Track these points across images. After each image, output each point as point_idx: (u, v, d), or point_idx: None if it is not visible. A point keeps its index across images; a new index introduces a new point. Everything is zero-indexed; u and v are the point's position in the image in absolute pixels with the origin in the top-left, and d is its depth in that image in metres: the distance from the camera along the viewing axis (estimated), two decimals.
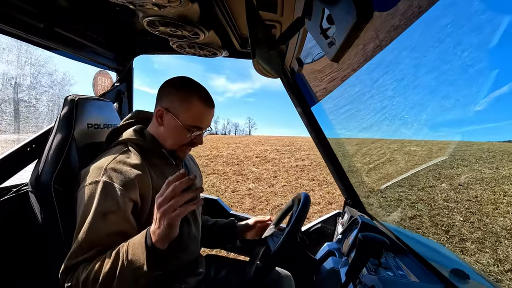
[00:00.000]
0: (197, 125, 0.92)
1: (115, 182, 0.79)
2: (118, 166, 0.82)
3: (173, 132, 0.92)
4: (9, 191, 1.18)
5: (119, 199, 0.78)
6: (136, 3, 0.87)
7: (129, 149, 0.90)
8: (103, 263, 0.71)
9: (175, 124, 0.91)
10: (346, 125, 2.90)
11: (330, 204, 4.91)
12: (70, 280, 0.73)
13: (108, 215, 0.76)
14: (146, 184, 0.85)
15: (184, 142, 0.94)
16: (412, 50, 1.32)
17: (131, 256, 0.70)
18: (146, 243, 0.70)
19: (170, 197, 0.68)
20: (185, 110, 0.90)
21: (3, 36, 1.05)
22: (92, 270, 0.71)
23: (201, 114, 0.92)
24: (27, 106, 26.89)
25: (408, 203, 3.74)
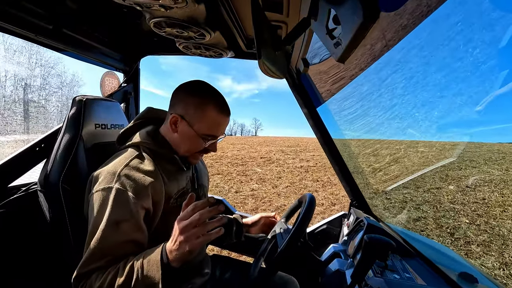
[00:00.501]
0: (212, 134, 0.90)
1: (128, 190, 0.78)
2: (132, 173, 0.80)
3: (187, 140, 0.90)
4: (19, 190, 1.20)
5: (132, 207, 0.77)
6: (143, 4, 0.87)
7: (142, 154, 0.88)
8: (116, 274, 0.71)
9: (189, 132, 0.88)
10: (352, 125, 2.88)
11: (334, 205, 4.88)
12: (83, 287, 0.73)
13: (120, 224, 0.75)
14: (159, 191, 0.84)
15: (198, 150, 0.92)
16: (420, 49, 1.31)
17: (146, 272, 0.69)
18: (162, 260, 0.69)
19: (195, 224, 0.67)
20: (200, 119, 0.87)
21: (15, 39, 1.07)
22: (105, 280, 0.71)
23: (216, 123, 0.90)
24: (37, 106, 27.34)
25: (413, 204, 3.69)
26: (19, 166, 1.17)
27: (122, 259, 0.75)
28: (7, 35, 1.02)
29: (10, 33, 1.01)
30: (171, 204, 0.89)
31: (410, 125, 3.48)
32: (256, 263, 1.04)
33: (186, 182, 0.98)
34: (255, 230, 1.26)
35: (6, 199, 1.13)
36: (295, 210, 1.19)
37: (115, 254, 0.75)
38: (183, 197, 0.93)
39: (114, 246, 0.75)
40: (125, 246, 0.76)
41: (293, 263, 0.95)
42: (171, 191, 0.89)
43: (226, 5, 0.89)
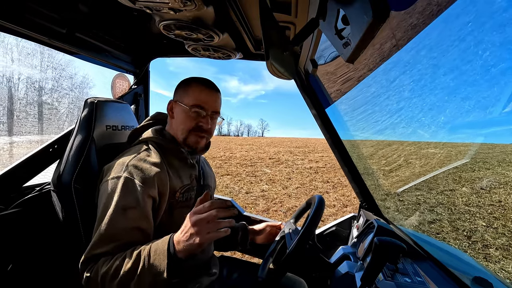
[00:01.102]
0: (199, 104, 0.96)
1: (135, 179, 0.83)
2: (139, 163, 0.86)
3: (181, 118, 0.98)
4: (33, 190, 1.23)
5: (139, 195, 0.81)
6: (153, 7, 0.89)
7: (149, 148, 0.95)
8: (123, 261, 0.74)
9: (181, 109, 0.97)
10: (362, 126, 2.85)
11: (345, 206, 4.83)
12: (90, 271, 0.76)
13: (128, 210, 0.79)
14: (164, 182, 0.89)
15: (192, 125, 0.98)
16: (430, 49, 1.28)
17: (153, 261, 0.72)
18: (169, 250, 0.72)
19: (210, 219, 0.70)
20: (187, 94, 0.97)
21: (28, 42, 1.11)
22: (112, 266, 0.73)
23: (201, 94, 0.97)
24: (50, 108, 28.07)
25: (427, 207, 3.62)
26: (33, 167, 1.20)
27: (128, 246, 0.77)
28: (20, 38, 1.05)
29: (25, 37, 1.05)
30: (177, 198, 0.93)
31: (421, 126, 3.42)
32: (265, 264, 1.04)
33: (191, 179, 1.02)
34: (260, 238, 1.28)
35: (21, 199, 1.16)
36: (304, 211, 1.18)
37: (122, 240, 0.78)
38: (188, 193, 0.98)
39: (121, 232, 0.78)
40: (132, 232, 0.79)
41: (302, 265, 0.95)
42: (176, 185, 0.94)
43: (235, 7, 0.90)
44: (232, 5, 0.89)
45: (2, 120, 23.20)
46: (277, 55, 0.98)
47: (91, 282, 0.75)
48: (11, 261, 1.12)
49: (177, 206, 0.94)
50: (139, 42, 1.50)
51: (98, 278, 0.74)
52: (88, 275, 0.75)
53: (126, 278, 0.72)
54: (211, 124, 1.00)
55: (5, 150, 15.07)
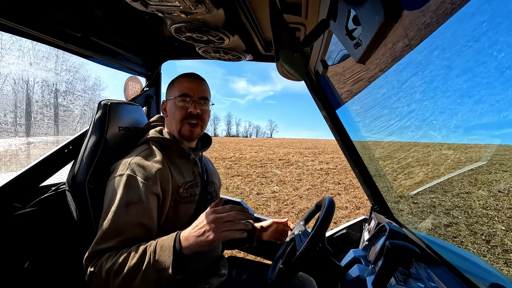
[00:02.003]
0: (183, 93, 1.01)
1: (138, 176, 0.86)
2: (141, 161, 0.90)
3: (172, 111, 1.03)
4: (49, 189, 1.27)
5: (141, 192, 0.84)
6: (165, 11, 0.90)
7: (151, 147, 0.99)
8: (128, 256, 0.75)
9: (170, 103, 1.04)
10: (373, 127, 2.80)
11: (358, 208, 4.76)
12: (94, 266, 0.77)
13: (130, 206, 0.81)
14: (167, 179, 0.92)
15: (182, 115, 1.01)
16: (444, 49, 1.25)
17: (158, 257, 0.73)
18: (175, 247, 0.73)
19: (228, 219, 0.74)
20: (173, 88, 1.04)
21: (44, 45, 1.14)
22: (117, 261, 0.74)
23: (185, 84, 1.03)
24: (65, 110, 28.88)
25: (442, 209, 3.52)
26: (49, 167, 1.24)
27: (132, 242, 0.79)
28: (36, 42, 1.09)
29: (42, 41, 1.08)
30: (182, 194, 0.96)
31: (435, 128, 3.34)
32: (274, 266, 1.03)
33: (194, 176, 1.05)
34: (267, 235, 1.30)
35: (37, 198, 1.20)
36: (314, 214, 1.17)
37: (125, 235, 0.80)
38: (192, 189, 1.01)
39: (124, 227, 0.80)
40: (135, 228, 0.81)
41: (312, 268, 0.94)
42: (178, 181, 0.96)
43: (245, 9, 0.90)
44: (242, 7, 0.89)
45: (20, 122, 24.02)
46: (287, 57, 0.98)
47: (95, 277, 0.76)
48: (27, 258, 1.16)
49: (182, 201, 0.96)
50: (151, 45, 1.52)
51: (102, 273, 0.75)
52: (92, 270, 0.77)
53: (130, 274, 0.73)
54: (200, 109, 1.02)
55: (23, 150, 15.58)
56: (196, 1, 0.81)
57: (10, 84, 26.79)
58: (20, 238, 1.14)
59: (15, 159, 13.93)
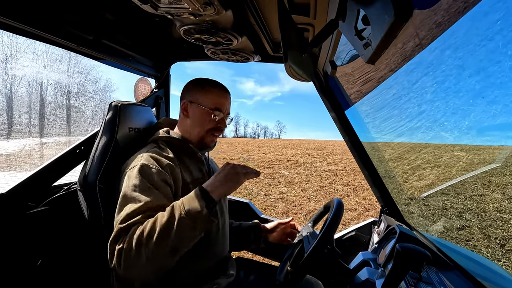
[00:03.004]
0: (218, 107, 1.04)
1: (151, 165, 0.90)
2: (154, 155, 0.94)
3: (199, 119, 1.04)
4: (61, 189, 1.30)
5: (157, 177, 0.88)
6: (174, 13, 0.91)
7: (160, 146, 1.02)
8: (157, 219, 0.77)
9: (199, 110, 1.04)
10: (383, 128, 2.76)
11: (367, 210, 4.70)
12: (122, 242, 0.76)
13: (150, 190, 0.85)
14: (177, 174, 0.95)
15: (210, 126, 1.05)
16: (456, 49, 1.23)
17: (188, 206, 0.78)
18: (202, 191, 0.81)
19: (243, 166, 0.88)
20: (205, 96, 1.04)
21: (57, 48, 1.17)
22: (147, 226, 0.76)
23: (219, 97, 1.05)
24: (77, 111, 29.51)
25: (455, 212, 3.44)
26: (61, 167, 1.27)
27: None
28: (49, 45, 1.12)
29: (55, 44, 1.11)
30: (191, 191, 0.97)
31: (447, 129, 3.26)
32: (282, 267, 1.03)
33: (203, 174, 1.07)
34: (273, 237, 1.30)
35: (50, 197, 1.23)
36: (322, 215, 1.17)
37: (148, 213, 0.81)
38: None
39: (145, 208, 0.82)
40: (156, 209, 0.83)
41: (320, 270, 0.93)
42: (187, 178, 0.99)
43: (253, 10, 0.90)
44: (251, 8, 0.89)
45: (34, 123, 24.64)
46: (295, 57, 0.98)
47: (124, 252, 0.75)
48: (40, 256, 1.19)
49: None
50: (161, 46, 1.54)
51: (133, 243, 0.74)
52: (121, 246, 0.75)
53: (165, 230, 0.75)
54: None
55: (36, 151, 15.99)
56: (205, 3, 0.82)
57: (25, 86, 27.53)
58: (33, 236, 1.17)
59: (29, 159, 14.29)
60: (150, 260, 0.74)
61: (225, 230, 1.13)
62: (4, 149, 15.01)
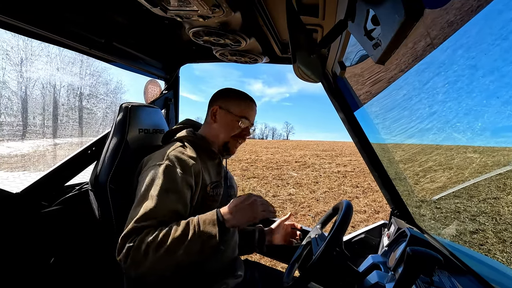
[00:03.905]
0: (246, 116, 1.10)
1: (176, 167, 0.91)
2: (179, 155, 0.95)
3: (226, 124, 1.09)
4: (73, 189, 1.32)
5: (179, 181, 0.89)
6: (183, 15, 0.92)
7: (184, 145, 1.04)
8: (171, 230, 0.80)
9: (228, 116, 1.09)
10: (393, 129, 2.72)
11: (377, 213, 4.64)
12: (133, 241, 0.79)
13: (169, 193, 0.87)
14: (199, 174, 0.98)
15: (235, 132, 1.10)
16: (469, 48, 1.20)
17: (203, 228, 0.81)
18: (218, 219, 0.83)
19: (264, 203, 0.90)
20: (236, 105, 1.10)
21: (70, 51, 1.20)
22: (159, 235, 0.78)
23: (248, 107, 1.12)
24: (89, 113, 30.13)
25: (468, 215, 3.36)
26: (73, 167, 1.29)
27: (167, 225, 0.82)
28: (62, 48, 1.15)
29: (68, 47, 1.14)
30: (209, 192, 1.01)
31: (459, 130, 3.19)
32: (290, 270, 1.02)
33: (220, 177, 1.09)
34: (277, 238, 1.29)
35: (62, 197, 1.26)
36: (331, 217, 1.15)
37: (163, 218, 0.84)
38: (217, 189, 1.05)
39: (163, 211, 0.84)
40: (171, 214, 0.86)
41: (328, 273, 0.92)
42: (207, 179, 1.01)
43: (262, 11, 0.91)
44: (259, 10, 0.89)
45: (47, 124, 25.29)
46: (304, 58, 0.98)
47: (133, 251, 0.78)
48: (53, 254, 1.21)
49: (208, 199, 1.01)
50: (170, 49, 1.56)
51: (142, 246, 0.77)
52: (131, 244, 0.78)
53: (174, 245, 0.77)
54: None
55: (50, 151, 16.38)
56: (214, 5, 0.83)
57: (39, 88, 28.28)
58: (47, 234, 1.20)
59: (43, 159, 14.65)
60: (154, 265, 0.78)
61: (235, 233, 1.14)
62: (19, 149, 15.43)
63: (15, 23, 0.89)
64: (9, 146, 17.43)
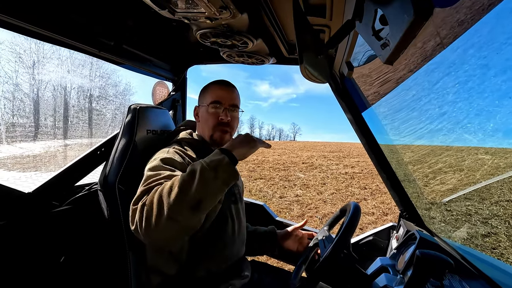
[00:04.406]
0: (215, 100, 1.08)
1: (175, 158, 0.94)
2: (178, 151, 0.98)
3: (204, 117, 1.10)
4: (83, 189, 1.35)
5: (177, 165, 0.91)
6: (191, 18, 0.93)
7: (183, 147, 1.06)
8: (178, 176, 0.78)
9: (202, 109, 1.11)
10: (402, 130, 2.68)
11: (386, 215, 4.58)
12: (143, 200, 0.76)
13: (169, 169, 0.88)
14: None
15: (214, 122, 1.08)
16: (480, 48, 1.17)
17: (210, 160, 0.79)
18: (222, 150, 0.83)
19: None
20: (205, 95, 1.12)
21: (80, 54, 1.22)
22: (167, 183, 0.76)
23: (217, 92, 1.10)
24: (98, 114, 30.62)
25: (479, 218, 3.29)
26: (83, 167, 1.32)
27: None
28: (73, 51, 1.17)
29: (79, 50, 1.16)
30: None
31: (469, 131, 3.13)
32: (297, 271, 1.02)
33: None
34: (288, 244, 1.28)
35: (72, 197, 1.28)
36: (338, 219, 1.14)
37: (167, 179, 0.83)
38: None
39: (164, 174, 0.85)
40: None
41: (336, 275, 0.91)
42: None
43: (268, 13, 0.91)
44: (266, 11, 0.90)
45: (58, 125, 25.80)
46: (311, 59, 0.97)
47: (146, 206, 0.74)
48: (63, 253, 1.24)
49: None
50: (178, 50, 1.58)
51: (154, 198, 0.73)
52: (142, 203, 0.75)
53: (186, 183, 0.73)
54: (230, 117, 1.09)
55: (60, 152, 16.70)
56: (221, 7, 0.83)
57: (50, 90, 28.92)
58: (57, 233, 1.22)
59: (54, 159, 14.92)
60: (171, 218, 0.70)
61: (241, 232, 1.13)
62: (31, 150, 15.76)
63: (28, 26, 0.91)
64: (21, 147, 17.84)
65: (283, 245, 1.28)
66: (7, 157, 15.39)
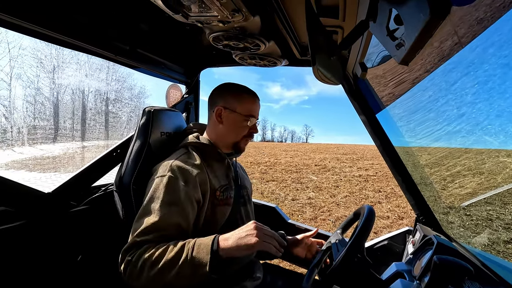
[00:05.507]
0: (252, 114, 1.07)
1: (179, 178, 0.91)
2: (181, 164, 0.95)
3: (233, 125, 1.07)
4: (99, 189, 1.38)
5: (181, 194, 0.89)
6: (204, 21, 0.94)
7: (189, 151, 1.04)
8: (166, 250, 0.79)
9: (233, 116, 1.05)
10: (418, 132, 2.61)
11: (401, 219, 4.46)
12: (132, 255, 0.80)
13: (171, 206, 0.86)
14: (205, 182, 0.97)
15: (244, 132, 1.08)
16: (501, 46, 1.13)
17: (196, 254, 0.77)
18: (212, 246, 0.78)
19: (270, 234, 0.82)
20: (239, 103, 1.06)
21: (97, 58, 1.26)
22: (154, 253, 0.78)
23: (254, 105, 1.08)
24: (114, 116, 31.46)
25: (502, 224, 3.15)
26: (100, 169, 1.35)
27: (169, 240, 0.82)
28: (90, 56, 1.21)
29: (96, 54, 1.19)
30: (218, 197, 1.00)
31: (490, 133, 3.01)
32: (310, 275, 1.01)
33: (229, 180, 1.08)
34: (297, 251, 1.23)
35: (89, 197, 1.31)
36: (352, 222, 1.12)
37: (164, 233, 0.84)
38: (227, 192, 1.05)
39: (164, 225, 0.84)
40: (173, 228, 0.85)
41: (349, 279, 0.89)
42: (215, 184, 1.00)
43: (281, 15, 0.91)
44: (278, 13, 0.90)
45: (76, 127, 26.68)
46: (324, 61, 0.96)
47: (130, 266, 0.79)
48: (80, 251, 1.27)
49: (219, 204, 1.00)
50: (191, 54, 1.60)
51: (138, 263, 0.78)
52: (130, 258, 0.80)
53: (167, 267, 0.76)
54: None
55: (78, 153, 17.25)
56: (234, 10, 0.84)
57: (69, 94, 30.00)
58: (75, 233, 1.26)
59: (72, 161, 15.41)
60: (149, 283, 0.77)
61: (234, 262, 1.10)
62: (51, 151, 16.35)
63: (49, 33, 0.95)
64: (42, 148, 18.53)
65: (292, 251, 1.24)
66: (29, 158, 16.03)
